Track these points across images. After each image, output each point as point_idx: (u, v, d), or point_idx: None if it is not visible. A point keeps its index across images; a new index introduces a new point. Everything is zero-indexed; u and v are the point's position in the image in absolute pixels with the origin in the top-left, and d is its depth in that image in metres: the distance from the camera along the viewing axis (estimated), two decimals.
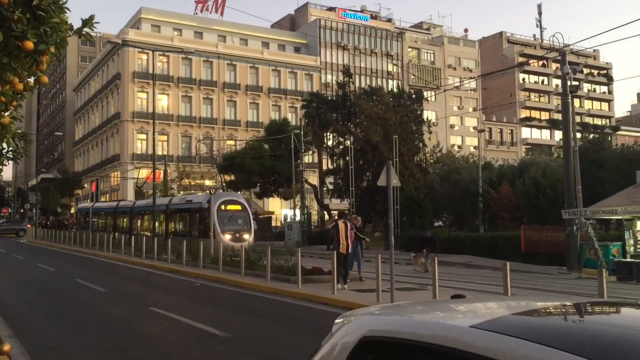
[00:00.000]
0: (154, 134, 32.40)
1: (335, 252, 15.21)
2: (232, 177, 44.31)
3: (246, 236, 28.95)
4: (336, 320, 2.99)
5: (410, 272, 22.39)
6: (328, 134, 47.13)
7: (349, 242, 15.72)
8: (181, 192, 42.66)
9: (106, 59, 66.99)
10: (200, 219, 30.06)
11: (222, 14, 67.02)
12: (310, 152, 49.93)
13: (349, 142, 43.68)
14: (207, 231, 27.07)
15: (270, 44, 70.00)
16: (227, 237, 27.70)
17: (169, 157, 55.27)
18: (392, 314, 3.01)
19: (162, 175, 48.34)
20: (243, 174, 41.24)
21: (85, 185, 72.57)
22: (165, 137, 60.36)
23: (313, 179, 51.16)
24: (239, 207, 29.95)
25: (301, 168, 42.11)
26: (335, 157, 46.42)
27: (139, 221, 38.47)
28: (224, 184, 45.24)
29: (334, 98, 48.66)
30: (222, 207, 29.07)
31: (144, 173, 57.05)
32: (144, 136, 59.81)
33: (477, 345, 2.14)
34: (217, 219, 28.12)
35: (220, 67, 63.86)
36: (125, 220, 40.18)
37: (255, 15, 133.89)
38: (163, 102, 61.08)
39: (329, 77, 68.15)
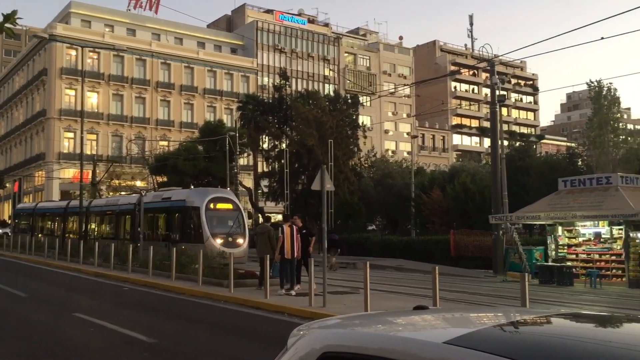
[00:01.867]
0: (82, 133, 31.20)
1: (267, 256, 15.09)
2: (165, 179, 43.33)
3: (240, 240, 24.39)
4: (292, 333, 2.79)
5: (343, 276, 22.55)
6: (264, 136, 46.86)
7: (295, 246, 15.28)
8: (110, 194, 41.27)
9: (32, 54, 64.12)
10: (183, 220, 25.07)
11: (156, 12, 65.56)
12: (246, 154, 49.51)
13: (284, 145, 43.59)
14: (193, 235, 23.61)
15: (206, 44, 69.01)
16: (218, 241, 22.97)
17: (98, 156, 53.48)
18: (355, 327, 2.82)
19: (90, 176, 46.70)
20: (176, 176, 40.38)
21: (7, 185, 69.12)
22: (94, 136, 58.32)
23: (248, 181, 50.74)
24: (230, 206, 25.15)
25: (236, 170, 41.68)
26: (270, 160, 46.21)
27: (98, 223, 33.36)
28: (156, 186, 44.20)
29: (271, 101, 48.47)
30: (211, 205, 24.27)
31: (70, 173, 54.97)
32: (71, 135, 57.58)
33: None
34: (206, 220, 23.68)
35: (154, 66, 62.38)
36: (77, 222, 34.90)
37: (190, 15, 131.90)
38: (92, 100, 59.03)
39: (265, 79, 67.85)
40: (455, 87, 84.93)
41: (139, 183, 49.69)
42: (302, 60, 71.73)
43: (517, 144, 52.97)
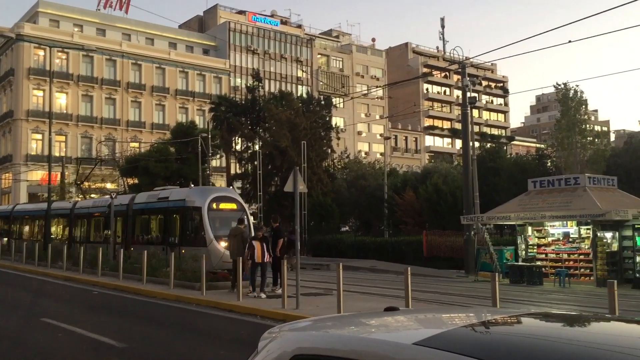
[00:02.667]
0: (50, 134, 30.65)
1: (240, 259, 15.01)
2: (136, 181, 42.78)
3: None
4: (263, 336, 2.77)
5: (317, 277, 22.54)
6: (236, 138, 46.61)
7: (265, 250, 15.47)
8: (80, 197, 40.57)
9: None
10: (183, 222, 22.96)
11: (126, 12, 64.70)
12: (218, 156, 49.18)
13: (257, 147, 43.42)
14: (194, 238, 21.74)
15: (178, 45, 68.36)
16: (222, 244, 20.90)
17: (67, 158, 52.54)
18: (326, 329, 2.81)
19: (59, 178, 45.87)
20: (147, 178, 39.85)
21: None
22: (63, 138, 57.28)
23: (221, 183, 50.41)
24: (234, 206, 23.12)
25: (208, 172, 41.36)
26: (243, 162, 45.98)
27: (84, 227, 31.06)
28: (126, 188, 43.60)
29: (243, 102, 48.24)
30: (214, 205, 22.25)
31: (38, 175, 53.93)
32: (39, 136, 56.46)
33: None
34: (209, 221, 21.69)
35: (125, 67, 61.55)
36: (62, 225, 32.99)
37: (162, 15, 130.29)
38: (61, 101, 57.97)
39: (238, 80, 67.50)
40: (427, 89, 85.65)
41: (109, 185, 48.94)
42: (275, 61, 71.57)
43: (488, 145, 53.61)
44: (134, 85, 61.94)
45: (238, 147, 46.98)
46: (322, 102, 48.18)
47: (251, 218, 26.48)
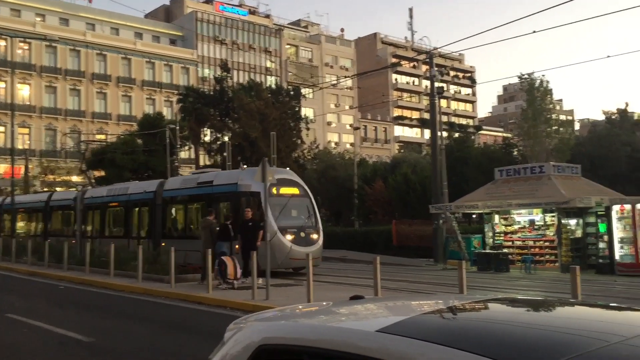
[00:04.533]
0: (12, 127, 29.91)
1: (209, 250, 14.90)
2: (102, 173, 42.11)
3: (315, 236, 19.46)
4: (228, 327, 2.76)
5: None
6: (205, 129, 46.17)
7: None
8: (45, 189, 39.76)
9: None
10: (236, 212, 18.93)
11: (90, 1, 63.36)
12: (187, 147, 48.66)
13: (227, 138, 43.08)
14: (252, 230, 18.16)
15: (144, 35, 67.24)
16: (288, 238, 18.14)
17: (30, 151, 51.37)
18: (291, 319, 2.82)
19: (22, 171, 44.89)
20: (114, 170, 39.26)
21: None
22: (26, 130, 55.97)
23: None
24: (296, 190, 19.70)
25: (177, 164, 40.89)
26: (212, 153, 45.58)
27: (105, 219, 26.58)
28: (93, 180, 42.92)
29: (212, 93, 47.75)
30: (274, 190, 18.55)
31: (1, 169, 52.65)
32: (2, 129, 55.03)
33: (385, 350, 2.02)
34: (271, 209, 17.57)
35: (89, 57, 60.32)
36: (71, 218, 28.98)
37: (127, 5, 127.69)
38: (24, 92, 56.57)
39: (206, 71, 66.79)
40: (396, 79, 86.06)
41: (75, 178, 48.08)
42: (243, 52, 70.98)
43: (456, 134, 54.17)
44: (99, 76, 60.78)
45: (207, 139, 46.56)
46: (292, 93, 48.02)
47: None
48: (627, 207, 21.25)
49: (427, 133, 77.20)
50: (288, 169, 27.29)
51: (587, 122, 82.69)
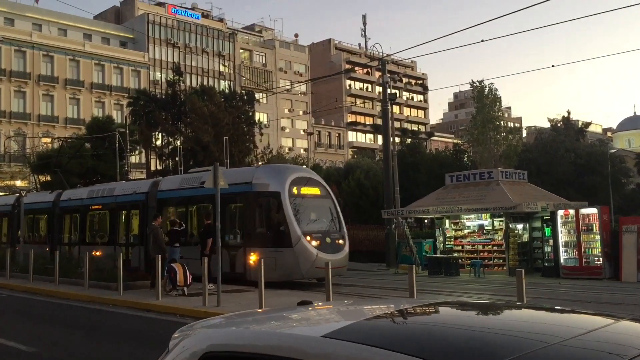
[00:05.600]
0: None
1: (159, 256, 14.62)
2: (48, 178, 40.85)
3: (341, 241, 17.57)
4: (174, 335, 2.72)
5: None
6: (157, 133, 45.42)
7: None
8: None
9: None
10: (253, 214, 17.16)
11: (37, 1, 61.54)
12: (137, 152, 47.75)
13: (179, 142, 42.50)
14: (272, 236, 16.51)
15: (93, 36, 65.66)
16: (313, 244, 16.25)
17: None
18: (237, 326, 2.80)
19: None
20: (60, 175, 38.15)
21: None
22: None
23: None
24: (317, 191, 17.78)
25: (127, 169, 40.07)
26: (164, 158, 44.88)
27: (86, 224, 23.60)
28: (38, 185, 41.57)
29: (164, 96, 47.05)
30: (294, 190, 16.82)
31: None
32: None
33: (330, 355, 2.04)
34: (292, 211, 16.44)
35: (35, 58, 58.49)
36: (43, 223, 25.99)
37: (75, 6, 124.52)
38: None
39: (158, 74, 65.71)
40: (350, 85, 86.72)
41: (19, 183, 46.46)
42: (196, 55, 70.20)
43: (409, 140, 54.97)
44: (45, 77, 59.00)
45: (158, 143, 45.81)
46: (245, 97, 47.79)
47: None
48: (571, 212, 21.97)
49: (380, 139, 78.07)
50: (304, 166, 23.73)
51: (534, 130, 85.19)
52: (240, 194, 17.06)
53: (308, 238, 16.08)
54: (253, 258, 15.00)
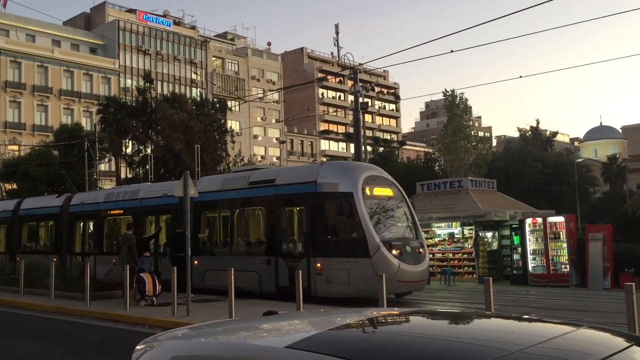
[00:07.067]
0: None
1: (128, 266, 14.42)
2: (14, 186, 40.02)
3: (422, 250, 15.33)
4: (137, 347, 2.68)
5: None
6: (127, 141, 44.87)
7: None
8: None
9: None
10: (319, 218, 14.84)
11: (4, 6, 60.30)
12: (107, 159, 47.09)
13: (149, 150, 42.05)
14: (342, 244, 14.57)
15: (62, 43, 64.70)
16: (393, 253, 14.02)
17: None
18: (201, 337, 2.77)
19: None
20: (27, 183, 37.36)
21: None
22: None
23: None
24: (390, 191, 15.68)
25: (96, 177, 39.47)
26: (134, 166, 44.35)
27: (104, 231, 21.68)
28: (4, 194, 40.68)
29: (134, 104, 46.54)
30: (367, 189, 14.75)
31: None
32: None
33: None
34: (368, 216, 14.27)
35: (2, 64, 57.34)
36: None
37: (44, 12, 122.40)
38: None
39: (128, 81, 64.99)
40: (322, 94, 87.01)
41: None
42: (167, 62, 69.68)
43: (381, 149, 55.36)
44: (12, 84, 57.88)
45: (128, 151, 45.26)
46: (217, 105, 47.57)
47: None
48: (539, 220, 22.34)
49: (352, 147, 78.37)
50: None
51: (504, 139, 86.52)
52: (301, 195, 15.01)
53: (388, 247, 13.92)
54: (320, 270, 13.33)
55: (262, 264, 15.05)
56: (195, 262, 15.69)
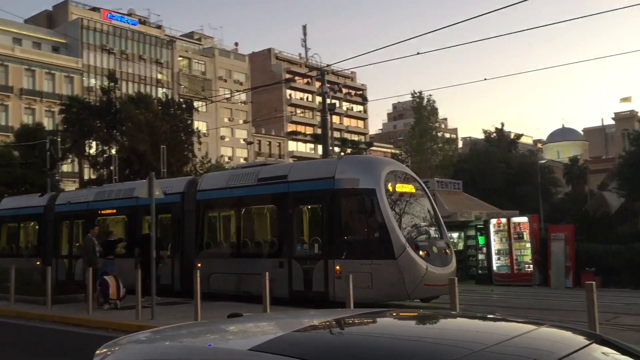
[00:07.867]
0: None
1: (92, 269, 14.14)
2: None
3: (448, 251, 14.38)
4: (97, 352, 2.62)
5: None
6: (90, 141, 44.08)
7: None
8: None
9: None
10: (334, 217, 13.75)
11: None
12: (70, 160, 46.19)
13: (114, 151, 41.36)
14: (364, 244, 13.51)
15: (24, 41, 63.21)
16: (420, 254, 13.13)
17: None
18: (164, 340, 2.74)
19: None
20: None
21: None
22: None
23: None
24: (413, 188, 14.62)
25: (58, 178, 38.67)
26: (98, 167, 43.57)
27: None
28: None
29: (98, 104, 45.74)
30: (389, 186, 13.69)
31: None
32: None
33: None
34: (392, 214, 13.28)
35: None
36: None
37: (5, 10, 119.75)
38: None
39: (92, 81, 63.87)
40: (290, 95, 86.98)
41: None
42: (132, 62, 68.69)
43: (348, 150, 55.63)
44: None
45: (92, 151, 44.46)
46: (184, 106, 47.09)
47: None
48: (503, 220, 22.70)
49: (320, 148, 78.49)
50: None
51: (469, 140, 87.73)
52: (318, 192, 13.94)
53: (414, 247, 12.98)
54: (339, 273, 12.42)
55: (273, 267, 13.75)
56: (199, 264, 14.96)
